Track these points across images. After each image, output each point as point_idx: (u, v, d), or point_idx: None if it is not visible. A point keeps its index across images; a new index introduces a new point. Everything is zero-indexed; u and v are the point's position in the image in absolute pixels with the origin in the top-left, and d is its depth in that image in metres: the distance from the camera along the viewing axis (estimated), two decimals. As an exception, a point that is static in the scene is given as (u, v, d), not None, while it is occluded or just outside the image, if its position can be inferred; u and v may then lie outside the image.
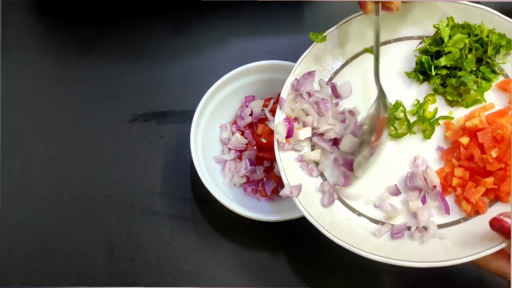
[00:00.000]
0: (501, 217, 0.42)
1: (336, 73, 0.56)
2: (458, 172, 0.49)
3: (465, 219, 0.48)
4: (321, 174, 0.53)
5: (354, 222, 0.49)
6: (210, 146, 0.62)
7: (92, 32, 0.72)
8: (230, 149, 0.61)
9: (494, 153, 0.47)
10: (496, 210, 0.47)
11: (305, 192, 0.50)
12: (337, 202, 0.51)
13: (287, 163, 0.52)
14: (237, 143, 0.61)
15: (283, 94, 0.53)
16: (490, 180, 0.47)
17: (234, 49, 0.71)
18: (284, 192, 0.49)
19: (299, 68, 0.54)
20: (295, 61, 0.55)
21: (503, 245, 0.43)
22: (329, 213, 0.50)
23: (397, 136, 0.52)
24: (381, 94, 0.50)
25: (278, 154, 0.52)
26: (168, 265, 0.59)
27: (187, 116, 0.65)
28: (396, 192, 0.50)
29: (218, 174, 0.61)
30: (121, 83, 0.69)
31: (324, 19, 0.71)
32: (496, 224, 0.42)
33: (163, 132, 0.66)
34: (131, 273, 0.58)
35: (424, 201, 0.49)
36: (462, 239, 0.46)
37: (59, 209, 0.62)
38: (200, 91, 0.60)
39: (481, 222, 0.47)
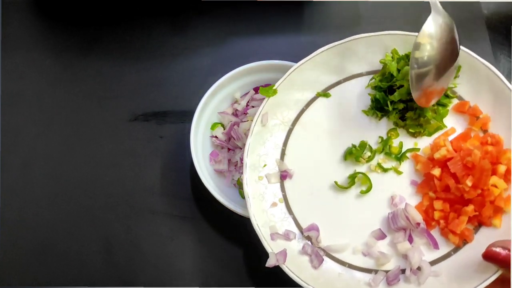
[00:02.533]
0: (492, 248, 0.42)
1: (294, 123, 0.55)
2: (438, 205, 0.49)
3: (455, 251, 0.48)
4: (300, 232, 0.51)
5: (347, 276, 0.49)
6: (210, 146, 0.62)
7: (92, 32, 0.72)
8: (229, 149, 0.61)
9: (469, 182, 0.47)
10: (482, 235, 0.48)
11: (291, 256, 0.49)
12: (326, 259, 0.50)
13: (266, 231, 0.50)
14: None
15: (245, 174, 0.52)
16: (470, 208, 0.47)
17: (234, 49, 0.71)
18: (270, 262, 0.48)
19: (255, 128, 0.53)
20: (295, 61, 0.55)
21: (498, 274, 0.43)
22: (321, 273, 0.49)
23: (365, 181, 0.52)
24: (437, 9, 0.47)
25: (257, 226, 0.50)
26: (167, 265, 0.59)
27: (187, 116, 0.65)
28: (381, 236, 0.50)
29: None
30: (120, 83, 0.69)
31: (324, 19, 0.71)
32: (490, 257, 0.42)
33: (162, 132, 0.66)
34: (130, 273, 0.58)
35: (411, 240, 0.49)
36: (457, 273, 0.46)
37: (59, 208, 0.62)
38: (200, 91, 0.60)
39: (471, 251, 0.47)
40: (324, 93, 0.55)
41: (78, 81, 0.69)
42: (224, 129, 0.61)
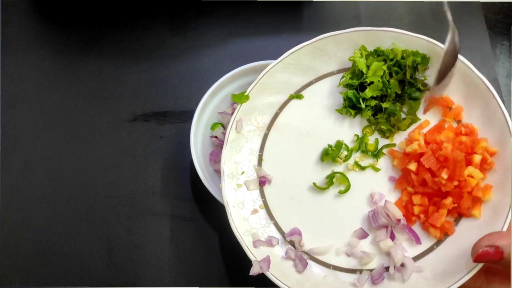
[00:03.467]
0: (480, 250, 0.41)
1: (269, 128, 0.55)
2: (417, 199, 0.49)
3: (437, 244, 0.48)
4: (283, 237, 0.51)
5: (332, 278, 0.48)
6: (210, 146, 0.62)
7: (91, 32, 0.72)
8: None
9: (444, 175, 0.47)
10: (463, 226, 0.47)
11: (275, 262, 0.49)
12: (310, 262, 0.49)
13: (248, 239, 0.50)
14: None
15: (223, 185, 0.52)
16: (449, 201, 0.47)
17: (234, 49, 0.71)
18: (253, 270, 0.48)
19: (231, 135, 0.53)
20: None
21: (481, 264, 0.43)
22: (306, 277, 0.49)
23: (343, 180, 0.52)
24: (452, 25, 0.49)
25: (239, 235, 0.50)
26: (167, 265, 0.59)
27: (187, 116, 0.65)
28: (363, 235, 0.50)
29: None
30: (121, 83, 0.69)
31: (324, 19, 0.71)
32: (481, 259, 0.42)
33: (163, 132, 0.66)
34: (131, 273, 0.58)
35: (393, 237, 0.49)
36: (440, 267, 0.46)
37: (59, 209, 0.62)
38: (200, 91, 0.60)
39: (453, 243, 0.47)
40: (297, 95, 0.55)
41: (78, 82, 0.69)
42: (224, 129, 0.61)
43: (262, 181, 0.53)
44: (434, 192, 0.48)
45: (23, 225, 0.61)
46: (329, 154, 0.52)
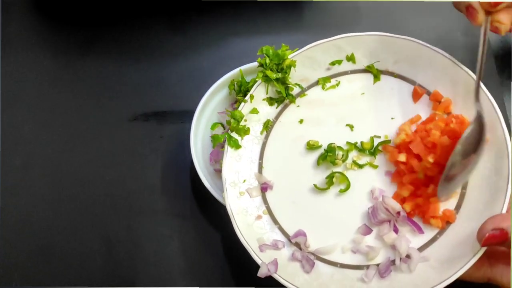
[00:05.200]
0: (487, 234, 0.42)
1: (266, 136, 0.56)
2: (405, 191, 0.50)
3: (440, 233, 0.48)
4: (288, 240, 0.52)
5: (340, 276, 0.49)
6: (210, 146, 0.62)
7: (92, 32, 0.72)
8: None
9: (430, 159, 0.47)
10: (464, 213, 0.48)
11: (282, 264, 0.49)
12: (316, 262, 0.50)
13: (254, 244, 0.51)
14: None
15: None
16: (431, 189, 0.48)
17: (234, 48, 0.71)
18: (261, 272, 0.48)
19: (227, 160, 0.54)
20: (295, 60, 0.55)
21: (485, 248, 0.43)
22: (314, 277, 0.49)
23: (343, 180, 0.53)
24: (480, 115, 0.47)
25: (245, 241, 0.50)
26: (167, 264, 0.59)
27: (187, 116, 0.65)
28: (367, 231, 0.50)
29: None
30: (120, 82, 0.69)
31: (324, 19, 0.71)
32: (488, 242, 0.42)
33: (163, 131, 0.66)
34: (130, 272, 0.58)
35: (396, 230, 0.49)
36: (446, 254, 0.47)
37: (59, 208, 0.62)
38: (200, 90, 0.60)
39: (456, 230, 0.48)
40: (293, 100, 0.57)
41: (78, 81, 0.69)
42: (224, 129, 0.61)
43: (264, 188, 0.54)
44: (422, 180, 0.49)
45: (23, 225, 0.61)
46: (326, 159, 0.53)
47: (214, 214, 0.60)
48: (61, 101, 0.68)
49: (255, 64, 0.60)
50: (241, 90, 0.58)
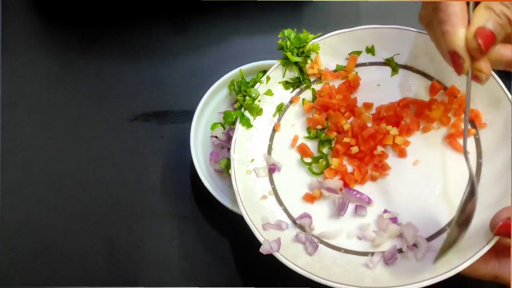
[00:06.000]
0: (501, 222, 0.41)
1: (279, 119, 0.56)
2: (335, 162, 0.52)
3: (449, 225, 0.48)
4: (292, 222, 0.51)
5: (343, 261, 0.48)
6: (210, 146, 0.62)
7: (92, 32, 0.72)
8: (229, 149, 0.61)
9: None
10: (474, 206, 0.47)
11: (285, 244, 0.49)
12: (320, 246, 0.49)
13: (256, 221, 0.50)
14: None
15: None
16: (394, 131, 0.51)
17: (234, 48, 0.71)
18: (263, 248, 0.47)
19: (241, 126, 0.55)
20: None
21: (494, 240, 0.42)
22: (316, 259, 0.48)
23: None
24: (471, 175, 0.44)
25: (248, 217, 0.50)
26: (168, 265, 0.59)
27: (187, 116, 0.65)
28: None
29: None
30: (121, 82, 0.69)
31: (324, 19, 0.71)
32: (501, 232, 0.41)
33: (163, 131, 0.66)
34: (131, 273, 0.58)
35: (357, 207, 0.50)
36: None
37: (59, 208, 0.62)
38: (200, 90, 0.60)
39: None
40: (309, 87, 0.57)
41: (78, 81, 0.69)
42: (224, 129, 0.61)
43: (272, 169, 0.54)
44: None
45: (23, 225, 0.61)
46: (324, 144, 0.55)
47: (214, 214, 0.60)
48: (61, 101, 0.68)
49: (255, 64, 0.60)
50: (241, 90, 0.58)
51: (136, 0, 0.73)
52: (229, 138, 0.60)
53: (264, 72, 0.58)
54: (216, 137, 0.61)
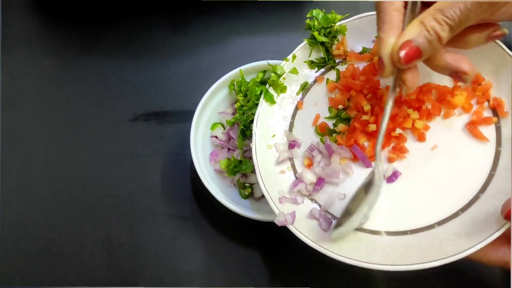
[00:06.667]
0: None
1: (302, 98, 0.57)
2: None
3: (462, 210, 0.48)
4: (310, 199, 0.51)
5: (354, 237, 0.48)
6: (210, 146, 0.62)
7: (92, 32, 0.72)
8: (229, 149, 0.61)
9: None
10: (488, 193, 0.47)
11: (299, 219, 0.49)
12: (333, 222, 0.49)
13: (273, 193, 0.50)
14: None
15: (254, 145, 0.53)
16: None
17: (234, 48, 0.71)
18: (278, 219, 0.48)
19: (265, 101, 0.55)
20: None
21: (506, 227, 0.42)
22: (329, 235, 0.48)
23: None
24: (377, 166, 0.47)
25: (265, 189, 0.50)
26: (168, 265, 0.59)
27: (187, 116, 0.65)
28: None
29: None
30: (121, 82, 0.69)
31: (325, 18, 0.71)
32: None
33: (163, 132, 0.66)
34: (131, 273, 0.58)
35: (331, 152, 0.51)
36: (466, 230, 0.46)
37: (59, 209, 0.62)
38: (200, 90, 0.60)
39: (479, 208, 0.47)
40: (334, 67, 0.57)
41: (78, 81, 0.69)
42: (224, 129, 0.61)
43: (292, 145, 0.54)
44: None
45: (23, 225, 0.61)
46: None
47: (214, 214, 0.60)
48: (61, 101, 0.68)
49: (255, 64, 0.60)
50: (241, 90, 0.58)
51: (136, 0, 0.73)
52: (229, 138, 0.60)
53: (264, 72, 0.58)
54: (216, 137, 0.61)
